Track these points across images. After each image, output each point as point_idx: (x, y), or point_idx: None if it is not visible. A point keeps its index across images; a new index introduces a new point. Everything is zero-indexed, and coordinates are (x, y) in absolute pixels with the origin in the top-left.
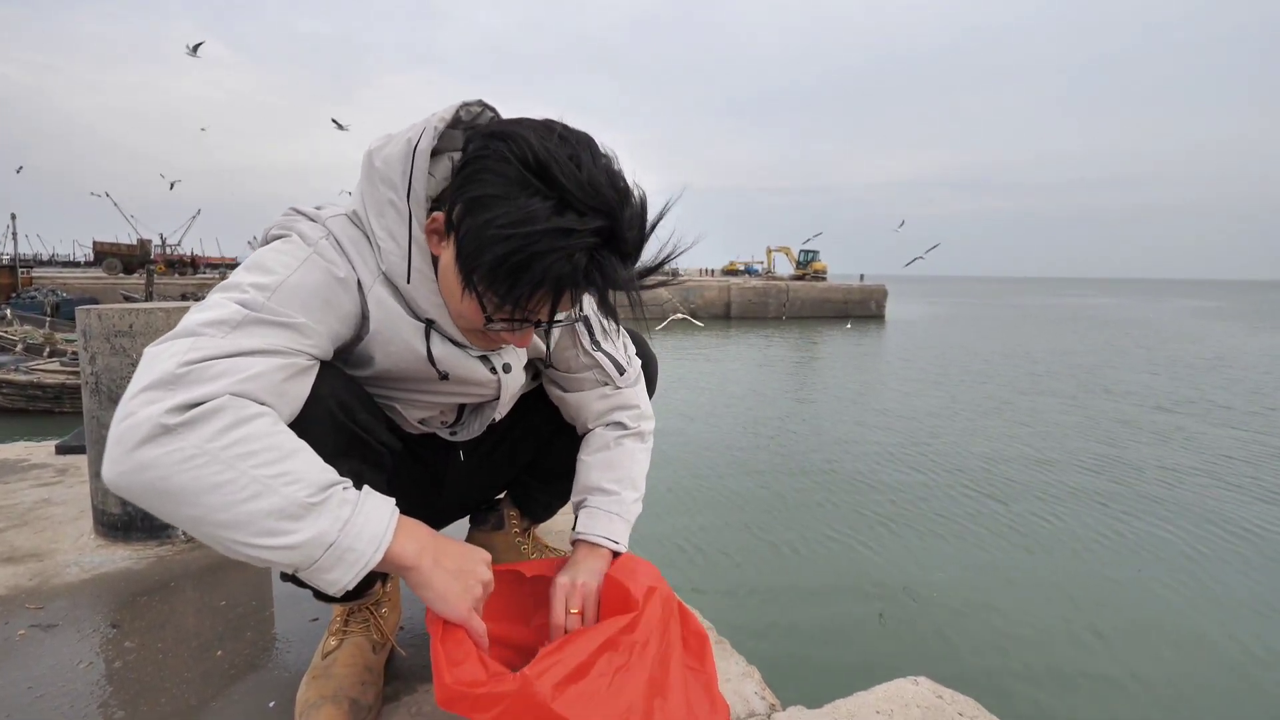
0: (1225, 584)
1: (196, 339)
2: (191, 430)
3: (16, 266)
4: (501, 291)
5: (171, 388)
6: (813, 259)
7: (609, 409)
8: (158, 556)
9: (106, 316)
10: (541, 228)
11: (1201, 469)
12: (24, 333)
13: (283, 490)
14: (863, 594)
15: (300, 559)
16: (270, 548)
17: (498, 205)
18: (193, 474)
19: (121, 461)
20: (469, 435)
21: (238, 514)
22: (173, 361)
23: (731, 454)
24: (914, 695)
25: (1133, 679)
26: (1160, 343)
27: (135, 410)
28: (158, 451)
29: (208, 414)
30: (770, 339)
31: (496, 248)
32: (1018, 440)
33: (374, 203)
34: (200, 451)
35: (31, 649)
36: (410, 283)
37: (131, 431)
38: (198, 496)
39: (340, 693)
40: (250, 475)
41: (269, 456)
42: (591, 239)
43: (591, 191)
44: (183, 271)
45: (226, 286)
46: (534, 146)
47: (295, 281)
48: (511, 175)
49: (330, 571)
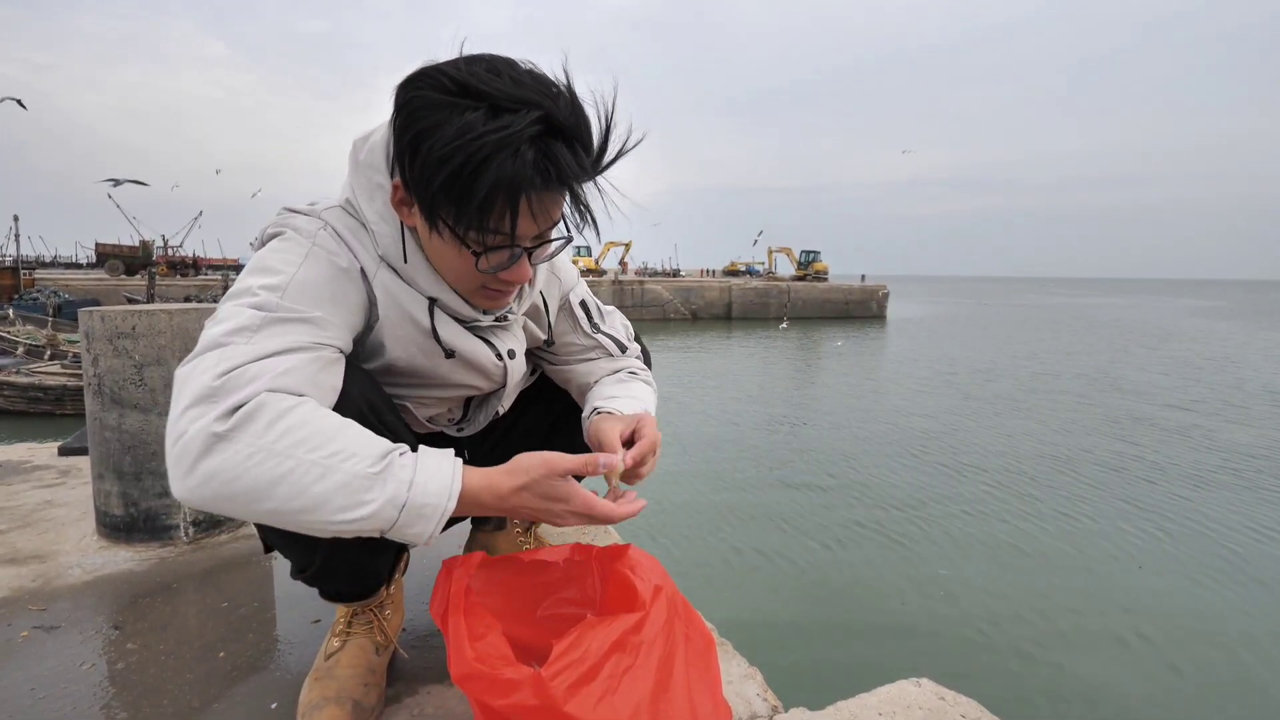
0: (1245, 585)
1: (223, 350)
2: (242, 432)
3: (19, 268)
4: (466, 212)
5: (212, 400)
6: (814, 259)
7: (617, 368)
8: (160, 558)
9: (109, 318)
10: (479, 132)
11: (1224, 467)
12: (26, 334)
13: (343, 467)
14: (865, 596)
15: (380, 524)
16: (350, 520)
17: (435, 133)
18: (255, 473)
19: (187, 478)
20: (475, 429)
21: (309, 499)
22: (207, 376)
23: (734, 454)
24: (916, 697)
25: (1140, 681)
26: (1163, 342)
27: (185, 429)
28: (217, 460)
29: (251, 413)
30: (774, 340)
31: (444, 168)
32: (1030, 439)
33: (363, 189)
34: (256, 449)
35: (34, 650)
36: (408, 262)
37: (188, 448)
38: (268, 491)
39: (343, 694)
40: (309, 460)
41: (320, 439)
42: (531, 128)
43: (518, 90)
44: (184, 273)
45: (236, 294)
46: (449, 72)
47: (302, 277)
48: (438, 103)
49: (413, 527)
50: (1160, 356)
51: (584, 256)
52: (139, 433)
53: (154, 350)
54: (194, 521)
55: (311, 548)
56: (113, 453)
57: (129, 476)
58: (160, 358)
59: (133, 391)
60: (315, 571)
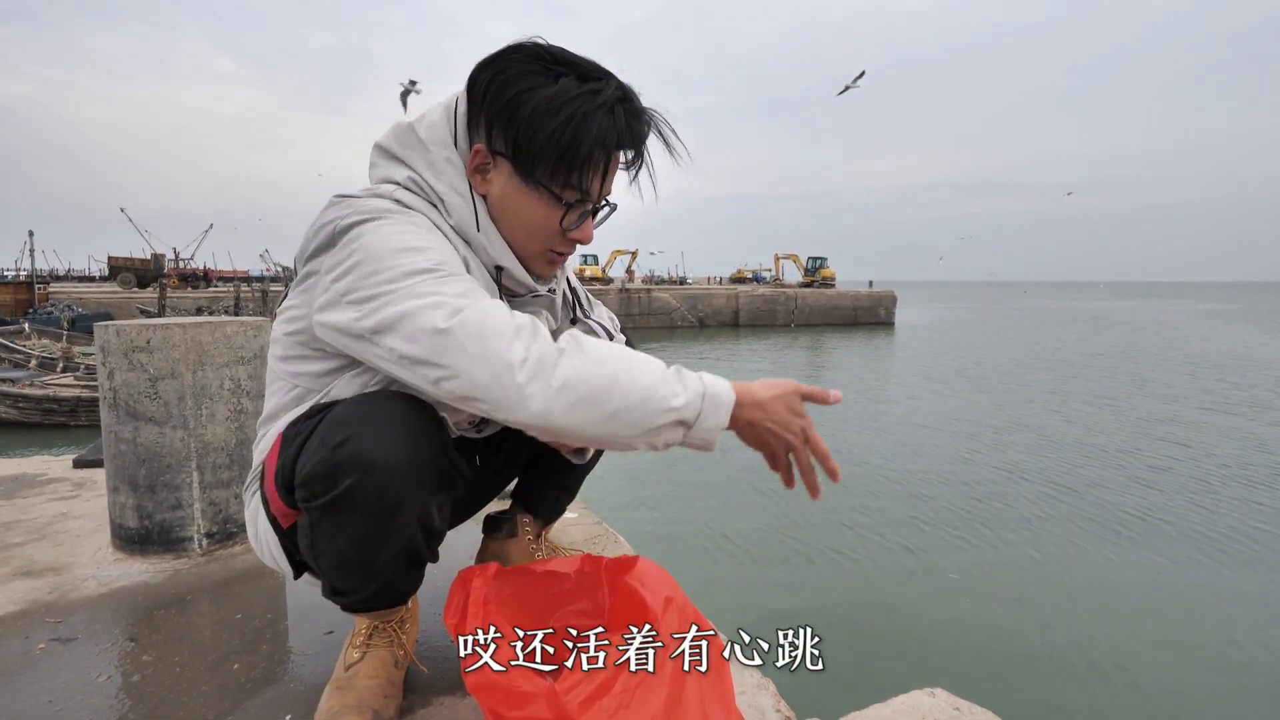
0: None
1: (485, 301)
2: (572, 350)
3: (34, 282)
4: (565, 164)
5: (525, 332)
6: (821, 265)
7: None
8: (174, 570)
9: (125, 332)
10: (578, 92)
11: (1238, 472)
12: (41, 346)
13: (650, 367)
14: (879, 605)
15: (692, 412)
16: (674, 409)
17: (536, 94)
18: (597, 374)
19: (548, 383)
20: (492, 430)
21: (642, 390)
22: (503, 315)
23: (743, 461)
24: (930, 707)
25: (1160, 693)
26: (1183, 342)
27: (524, 352)
28: (566, 369)
29: (573, 336)
30: (780, 345)
31: (551, 122)
32: (1045, 444)
33: (430, 165)
34: (587, 359)
35: (51, 662)
36: (480, 230)
37: (544, 362)
38: (610, 386)
39: (364, 704)
40: (626, 363)
41: (620, 351)
42: (616, 93)
43: (596, 65)
44: (195, 285)
45: (415, 271)
46: (540, 45)
47: (445, 250)
48: (535, 69)
49: (711, 417)
50: (1184, 359)
51: (591, 265)
52: (153, 445)
53: (168, 364)
54: (208, 534)
55: (366, 579)
56: (128, 465)
57: (144, 489)
58: (175, 371)
59: (147, 405)
60: (361, 598)
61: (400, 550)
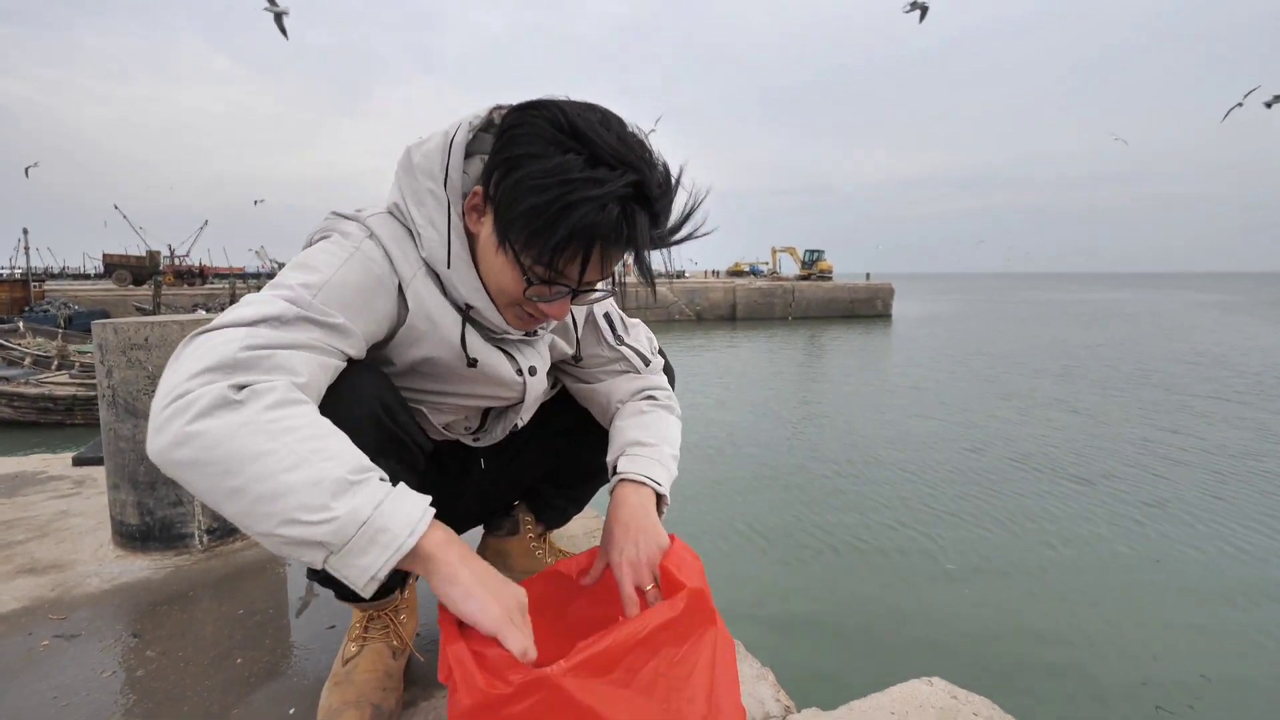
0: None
1: (252, 330)
2: (246, 405)
3: (29, 280)
4: (538, 244)
5: (232, 370)
6: (818, 258)
7: (639, 389)
8: (175, 566)
9: (123, 330)
10: (575, 177)
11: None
12: (36, 345)
13: (321, 465)
14: (877, 596)
15: (333, 537)
16: (305, 523)
17: (533, 162)
18: (240, 441)
19: (172, 433)
20: (491, 440)
21: (276, 485)
22: (232, 347)
23: (741, 453)
24: (928, 696)
25: (1162, 682)
26: (1185, 333)
27: (193, 388)
28: (213, 422)
29: (263, 391)
30: (777, 339)
31: (532, 197)
32: (1041, 435)
33: (413, 193)
34: (249, 422)
35: (55, 659)
36: (450, 267)
37: (190, 405)
38: (241, 465)
39: (363, 698)
40: (291, 448)
41: (310, 433)
42: (623, 190)
43: (622, 149)
44: (191, 282)
45: (276, 284)
46: (566, 110)
47: (339, 280)
48: (547, 136)
49: (364, 555)
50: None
51: None
52: None
53: (166, 361)
54: (209, 530)
55: None
56: (127, 463)
57: (144, 486)
58: None
59: (146, 402)
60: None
61: None
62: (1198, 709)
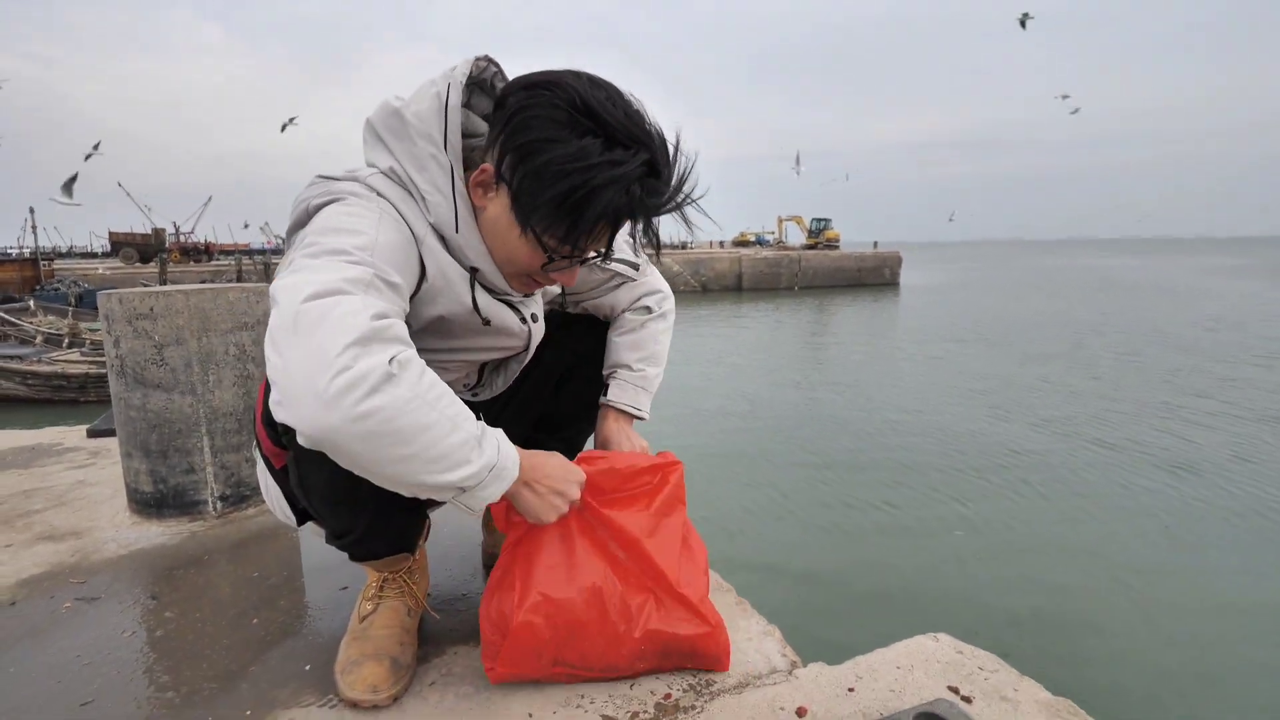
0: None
1: (364, 298)
2: (404, 377)
3: (38, 259)
4: (564, 228)
5: (373, 342)
6: (825, 227)
7: (636, 296)
8: (190, 532)
9: (128, 300)
10: (596, 161)
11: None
12: (48, 323)
13: (464, 426)
14: (883, 556)
15: (473, 482)
16: (461, 475)
17: (552, 148)
18: (411, 415)
19: (347, 409)
20: (492, 393)
21: (442, 448)
22: (364, 318)
23: (750, 417)
24: (934, 650)
25: (1157, 636)
26: (1197, 300)
27: (351, 364)
28: (384, 397)
29: (408, 362)
30: (786, 307)
31: (558, 185)
32: (1047, 399)
33: (413, 158)
34: (415, 395)
35: (77, 620)
36: (459, 232)
37: (362, 379)
38: (415, 435)
39: (380, 651)
40: (444, 414)
41: (449, 399)
42: (640, 169)
43: (632, 127)
44: (197, 259)
45: (329, 250)
46: (579, 91)
47: (384, 240)
48: (561, 119)
49: (488, 489)
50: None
51: None
52: (163, 411)
53: (173, 330)
54: (221, 496)
55: (356, 513)
56: (139, 431)
57: (156, 454)
58: (180, 338)
59: (154, 371)
60: (358, 536)
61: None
62: (1207, 667)
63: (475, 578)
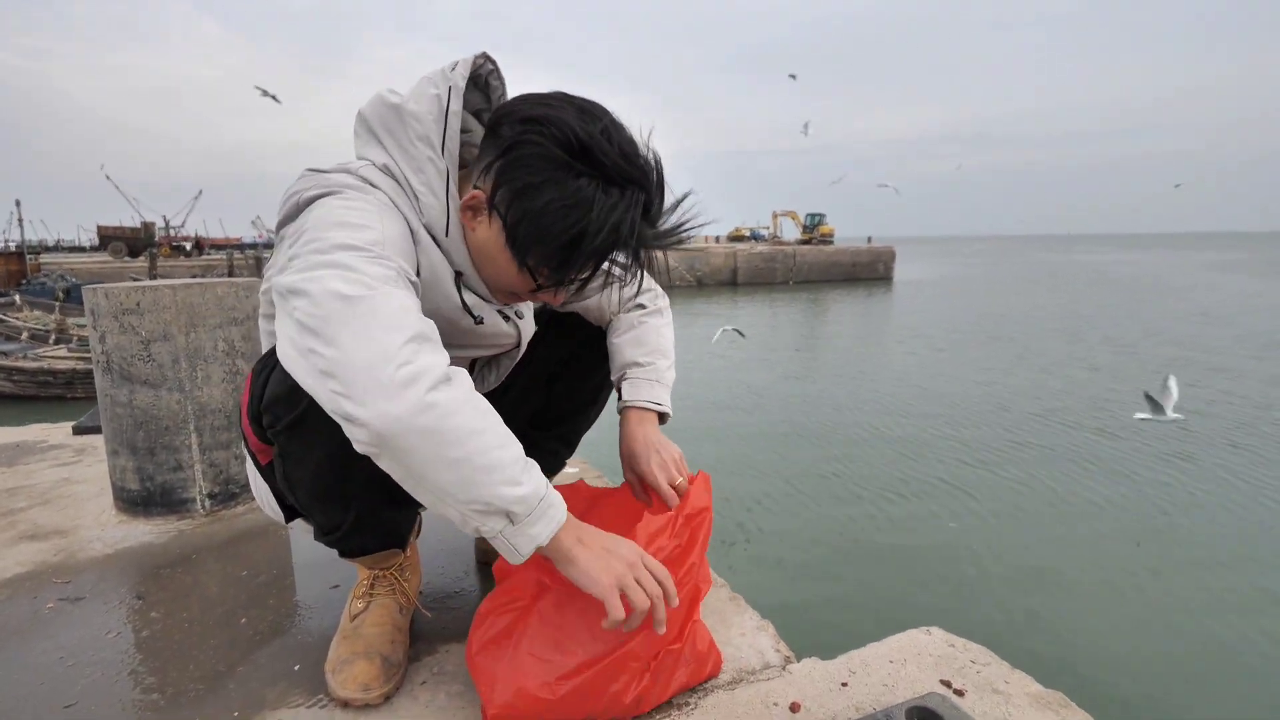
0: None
1: (405, 295)
2: (459, 381)
3: (24, 253)
4: (556, 265)
5: (426, 340)
6: (819, 222)
7: (627, 296)
8: (178, 530)
9: (114, 295)
10: (591, 204)
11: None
12: (34, 319)
13: (512, 447)
14: (876, 551)
15: (523, 509)
16: (514, 495)
17: (548, 190)
18: (465, 416)
19: (413, 400)
20: (485, 389)
21: (494, 458)
22: (413, 316)
23: (742, 411)
24: (926, 644)
25: (1152, 630)
26: (1196, 293)
27: (412, 358)
28: (444, 395)
29: (461, 374)
30: (780, 302)
31: (553, 226)
32: (1038, 394)
33: (410, 159)
34: (471, 398)
35: (61, 620)
36: (448, 236)
37: (422, 375)
38: (468, 437)
39: (371, 649)
40: (495, 427)
41: (496, 416)
42: (634, 211)
43: (627, 166)
44: (188, 254)
45: (344, 246)
46: (574, 129)
47: (391, 233)
48: (556, 159)
49: (535, 525)
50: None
51: None
52: (150, 408)
53: (160, 326)
54: (209, 494)
55: (344, 507)
56: (125, 429)
57: (143, 451)
58: (167, 333)
59: (141, 367)
60: (346, 531)
61: (371, 472)
62: (1198, 659)
63: (468, 575)
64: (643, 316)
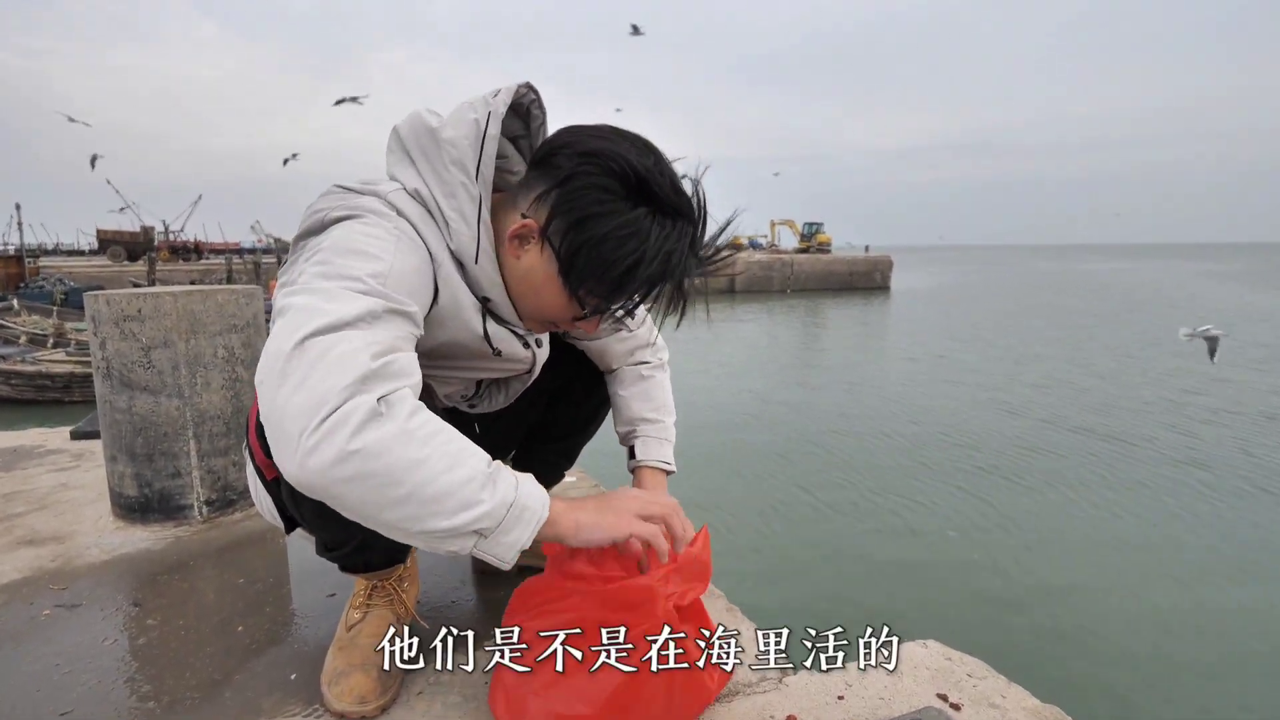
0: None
1: (367, 334)
2: (393, 414)
3: (23, 256)
4: (605, 294)
5: (372, 381)
6: (817, 231)
7: (630, 349)
8: (175, 537)
9: (115, 301)
10: (648, 235)
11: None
12: (32, 323)
13: (468, 461)
14: (873, 562)
15: (490, 523)
16: (470, 517)
17: (606, 221)
18: (399, 452)
19: (333, 452)
20: (490, 408)
21: (439, 486)
22: (364, 357)
23: (738, 421)
24: (923, 657)
25: (1149, 644)
26: (1197, 303)
27: (344, 401)
28: (370, 435)
29: (399, 400)
30: (778, 311)
31: (612, 257)
32: (1035, 405)
33: (442, 184)
34: (401, 431)
35: (57, 627)
36: (477, 263)
37: (344, 422)
38: (406, 472)
39: (368, 661)
40: (441, 450)
41: (446, 435)
42: (684, 242)
43: (678, 198)
44: (187, 258)
45: (338, 274)
46: (631, 162)
47: (400, 266)
48: (615, 190)
49: (511, 532)
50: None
51: None
52: (149, 414)
53: (160, 332)
54: (208, 501)
55: (349, 527)
56: (124, 435)
57: (141, 458)
58: (167, 340)
59: (141, 374)
60: (350, 550)
61: None
62: (1195, 674)
63: (465, 584)
64: (650, 372)
